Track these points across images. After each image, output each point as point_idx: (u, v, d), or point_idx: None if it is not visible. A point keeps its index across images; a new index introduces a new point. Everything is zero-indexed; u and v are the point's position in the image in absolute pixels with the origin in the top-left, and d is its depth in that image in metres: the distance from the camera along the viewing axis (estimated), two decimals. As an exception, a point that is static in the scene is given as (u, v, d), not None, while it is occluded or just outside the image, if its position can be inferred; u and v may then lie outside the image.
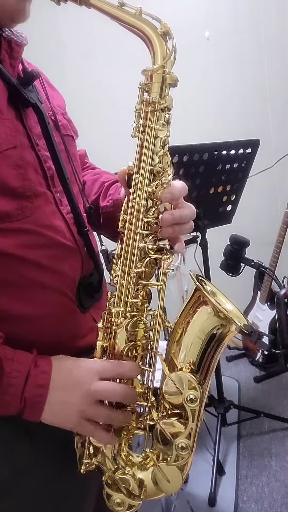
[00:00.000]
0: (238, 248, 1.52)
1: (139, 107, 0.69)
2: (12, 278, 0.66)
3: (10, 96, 0.67)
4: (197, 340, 0.69)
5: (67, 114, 0.86)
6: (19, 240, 0.66)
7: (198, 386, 0.66)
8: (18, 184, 0.65)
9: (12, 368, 0.62)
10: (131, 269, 0.68)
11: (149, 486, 0.68)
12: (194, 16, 2.39)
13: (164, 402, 0.69)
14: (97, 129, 2.38)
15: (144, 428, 0.69)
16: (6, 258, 0.65)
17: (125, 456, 0.69)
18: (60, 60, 2.41)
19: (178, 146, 1.43)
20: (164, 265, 0.69)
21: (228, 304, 0.73)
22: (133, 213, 0.69)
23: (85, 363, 0.67)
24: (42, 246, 0.68)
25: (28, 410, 0.63)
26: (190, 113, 2.40)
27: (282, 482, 1.76)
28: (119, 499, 0.68)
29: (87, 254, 0.77)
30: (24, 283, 0.67)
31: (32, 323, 0.69)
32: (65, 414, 0.65)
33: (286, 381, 2.41)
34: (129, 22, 0.67)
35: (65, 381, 0.65)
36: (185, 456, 0.65)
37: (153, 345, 0.70)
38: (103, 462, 0.69)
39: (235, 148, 1.65)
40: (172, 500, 1.62)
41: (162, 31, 0.67)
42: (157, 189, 0.70)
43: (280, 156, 2.27)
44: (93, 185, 0.95)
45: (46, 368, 0.65)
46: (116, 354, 0.69)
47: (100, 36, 2.25)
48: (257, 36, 2.37)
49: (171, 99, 0.70)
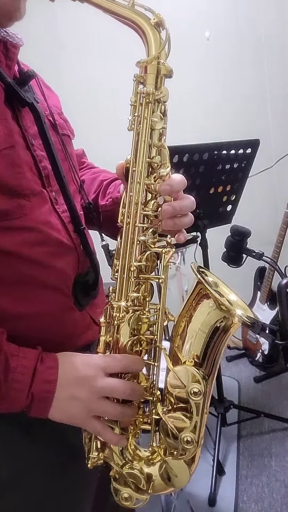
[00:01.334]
0: (239, 238, 1.51)
1: (134, 100, 0.69)
2: (9, 276, 0.67)
3: (6, 96, 0.68)
4: (200, 334, 0.68)
5: (63, 114, 0.86)
6: (17, 238, 0.66)
7: (201, 380, 0.65)
8: (16, 182, 0.66)
9: (18, 363, 0.62)
10: (131, 262, 0.68)
11: (157, 480, 0.68)
12: (194, 16, 2.39)
13: (170, 396, 0.68)
14: (95, 126, 2.39)
15: (150, 422, 0.69)
16: (4, 256, 0.65)
17: (132, 450, 0.69)
18: (57, 59, 2.41)
19: (178, 146, 1.43)
20: (165, 258, 0.69)
21: (231, 294, 0.73)
22: (131, 206, 0.69)
23: (90, 359, 0.68)
24: (40, 244, 0.69)
25: (36, 406, 0.63)
26: (190, 113, 2.41)
27: (282, 482, 1.76)
28: (126, 494, 0.68)
29: (83, 252, 0.77)
30: (21, 281, 0.68)
31: (29, 321, 0.69)
32: (73, 410, 0.65)
33: (286, 381, 2.41)
34: (122, 14, 0.67)
35: (71, 377, 0.65)
36: (191, 450, 0.65)
37: (157, 339, 0.69)
38: (110, 456, 0.69)
39: (235, 148, 1.65)
40: (172, 500, 1.62)
41: (155, 22, 0.66)
42: (156, 182, 0.69)
43: (280, 156, 2.27)
44: (91, 184, 0.95)
45: (52, 363, 0.65)
46: (120, 348, 0.68)
47: (97, 34, 2.25)
48: (257, 36, 2.37)
49: (166, 90, 0.69)
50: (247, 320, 0.68)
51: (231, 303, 0.69)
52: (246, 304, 0.73)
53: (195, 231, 1.72)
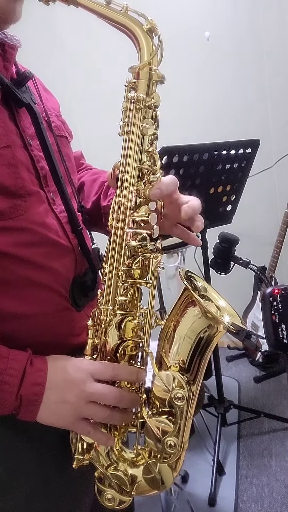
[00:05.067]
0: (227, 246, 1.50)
1: (126, 105, 0.69)
2: (6, 277, 0.66)
3: (3, 96, 0.68)
4: (187, 340, 0.68)
5: (62, 116, 0.86)
6: (12, 238, 0.66)
7: (185, 385, 0.66)
8: (11, 182, 0.65)
9: (7, 365, 0.62)
10: (119, 267, 0.68)
11: (141, 482, 0.68)
12: (194, 16, 2.39)
13: (155, 400, 0.68)
14: (94, 127, 2.39)
15: (136, 425, 0.70)
16: (0, 256, 0.65)
17: (117, 452, 0.69)
18: (55, 60, 2.41)
19: (178, 146, 1.43)
20: (153, 263, 0.69)
21: (220, 300, 0.73)
22: (120, 211, 0.69)
23: (80, 363, 0.67)
24: (36, 244, 0.68)
25: (24, 409, 0.63)
26: (190, 113, 2.41)
27: (282, 482, 1.76)
28: (110, 495, 0.69)
29: (81, 253, 0.77)
30: (18, 281, 0.68)
31: (26, 322, 0.69)
32: (62, 413, 0.65)
33: (286, 381, 2.41)
34: (115, 19, 0.67)
35: (60, 380, 0.65)
36: (174, 454, 0.65)
37: (144, 344, 0.70)
38: (95, 458, 0.69)
39: (235, 148, 1.65)
40: (172, 500, 1.62)
41: (148, 28, 0.67)
42: (146, 187, 0.69)
43: (280, 156, 2.27)
44: (92, 185, 0.94)
45: (42, 366, 0.65)
46: (107, 352, 0.69)
47: (95, 35, 2.25)
48: (257, 36, 2.37)
49: (158, 96, 0.69)
50: (232, 327, 0.68)
51: (219, 309, 0.69)
52: (234, 310, 0.73)
53: (195, 231, 1.72)
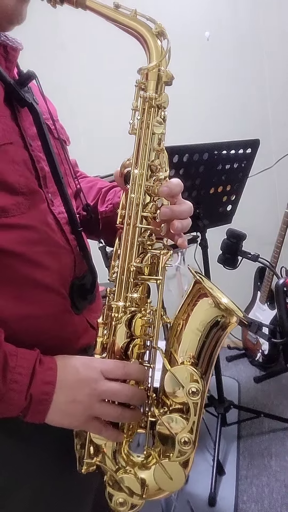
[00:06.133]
0: (235, 241, 1.53)
1: (136, 105, 0.71)
2: (9, 276, 0.66)
3: (6, 95, 0.67)
4: (196, 333, 0.68)
5: (60, 122, 0.85)
6: (15, 235, 0.65)
7: (199, 379, 0.65)
8: (15, 179, 0.65)
9: (16, 363, 0.61)
10: (131, 263, 0.69)
11: (152, 485, 0.67)
12: (194, 16, 2.39)
13: (165, 398, 0.68)
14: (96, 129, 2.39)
15: (145, 426, 0.69)
16: (1, 254, 0.64)
17: (125, 455, 0.69)
18: (58, 62, 2.41)
19: (178, 146, 1.43)
20: (163, 260, 0.70)
21: (223, 298, 0.72)
22: (132, 207, 0.70)
23: (90, 361, 0.67)
24: (38, 243, 0.68)
25: (33, 409, 0.61)
26: (190, 113, 2.41)
27: (282, 482, 1.76)
28: (121, 499, 0.67)
29: (80, 254, 0.76)
30: (21, 281, 0.67)
31: (28, 324, 0.68)
32: (73, 413, 0.63)
33: (286, 381, 2.41)
34: (125, 23, 0.69)
35: (71, 379, 0.64)
36: (188, 451, 0.64)
37: (153, 341, 0.69)
38: (103, 461, 0.68)
39: (235, 148, 1.65)
40: (172, 500, 1.62)
41: (157, 31, 0.69)
42: (155, 184, 0.70)
43: (280, 156, 2.27)
44: (89, 191, 0.94)
45: (51, 365, 0.64)
46: (116, 350, 0.69)
47: (98, 37, 2.25)
48: (257, 36, 2.37)
49: (166, 96, 0.71)
50: (244, 319, 0.68)
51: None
52: (239, 308, 0.73)
53: (195, 231, 1.72)
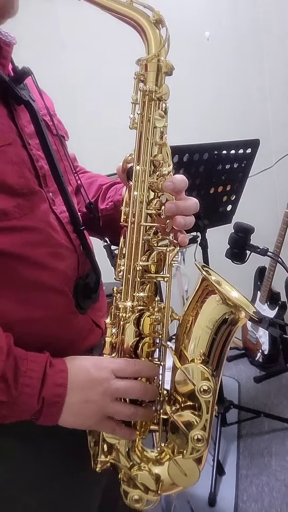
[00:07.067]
0: (243, 235, 1.51)
1: (136, 98, 0.68)
2: (14, 279, 0.65)
3: (1, 94, 0.66)
4: (206, 330, 0.68)
5: (57, 116, 0.84)
6: (17, 238, 0.64)
7: (210, 377, 0.65)
8: (15, 181, 0.64)
9: (27, 367, 0.61)
10: (137, 262, 0.68)
11: (166, 480, 0.67)
12: (194, 16, 2.39)
13: (177, 395, 0.68)
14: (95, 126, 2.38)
15: (158, 423, 0.69)
16: (5, 257, 0.63)
17: (139, 452, 0.69)
18: (57, 58, 2.40)
19: (178, 146, 1.43)
20: (169, 257, 0.69)
21: (233, 292, 0.72)
22: (136, 205, 0.68)
23: (101, 361, 0.67)
24: (40, 244, 0.67)
25: (46, 411, 0.61)
26: (190, 113, 2.41)
27: (282, 482, 1.76)
28: (136, 496, 0.68)
29: (83, 253, 0.75)
30: (25, 284, 0.66)
31: (34, 326, 0.67)
32: (86, 413, 0.64)
33: (286, 381, 2.41)
34: (121, 12, 0.66)
35: (83, 380, 0.64)
36: (201, 448, 0.65)
37: (162, 339, 0.69)
38: (117, 459, 0.68)
39: (235, 148, 1.65)
40: (172, 500, 1.62)
41: (155, 19, 0.66)
42: (158, 180, 0.68)
43: (280, 156, 2.27)
44: (89, 188, 0.92)
45: (62, 367, 0.64)
46: (126, 349, 0.68)
47: (97, 32, 2.24)
48: (257, 36, 2.37)
49: (167, 88, 0.68)
50: (254, 315, 0.67)
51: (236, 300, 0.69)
52: (249, 301, 0.73)
53: (195, 231, 1.72)
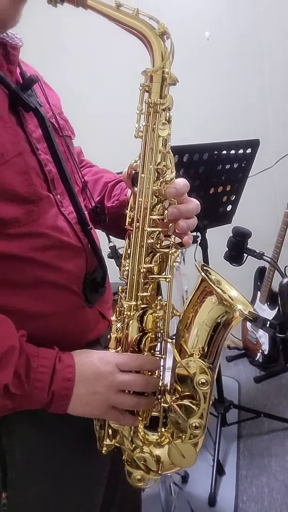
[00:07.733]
0: (240, 239, 1.61)
1: (141, 109, 0.71)
2: (23, 279, 0.69)
3: (11, 102, 0.68)
4: (205, 327, 0.73)
5: (63, 114, 0.86)
6: (28, 243, 0.68)
7: (208, 370, 0.71)
8: (24, 189, 0.67)
9: (38, 363, 0.66)
10: (140, 265, 0.72)
11: (166, 461, 0.74)
12: (194, 16, 2.39)
13: (177, 385, 0.73)
14: (97, 129, 2.38)
15: (158, 410, 0.75)
16: (17, 260, 0.67)
17: (142, 436, 0.75)
18: (60, 61, 2.41)
19: (178, 146, 1.43)
20: (171, 259, 0.74)
21: (232, 291, 0.78)
22: (140, 211, 0.72)
23: (106, 356, 0.72)
24: (50, 248, 0.71)
25: (55, 403, 0.67)
26: (190, 113, 2.40)
27: (282, 482, 1.76)
28: (139, 476, 0.74)
29: (91, 251, 0.79)
30: (35, 283, 0.70)
31: (44, 321, 0.72)
32: (93, 404, 0.69)
33: (286, 381, 2.41)
34: (127, 23, 0.67)
35: (90, 373, 0.69)
36: (199, 434, 0.71)
37: (164, 334, 0.74)
38: (121, 442, 0.75)
39: (235, 148, 1.65)
40: (172, 500, 1.62)
41: (160, 32, 0.68)
42: (162, 187, 0.72)
43: (280, 156, 2.27)
44: (95, 185, 0.95)
45: (70, 362, 0.69)
46: (130, 343, 0.74)
47: (100, 36, 2.25)
48: (257, 36, 2.37)
49: (171, 98, 0.72)
50: (249, 315, 0.73)
51: (232, 299, 0.74)
52: (248, 301, 0.78)
53: (195, 231, 1.72)
